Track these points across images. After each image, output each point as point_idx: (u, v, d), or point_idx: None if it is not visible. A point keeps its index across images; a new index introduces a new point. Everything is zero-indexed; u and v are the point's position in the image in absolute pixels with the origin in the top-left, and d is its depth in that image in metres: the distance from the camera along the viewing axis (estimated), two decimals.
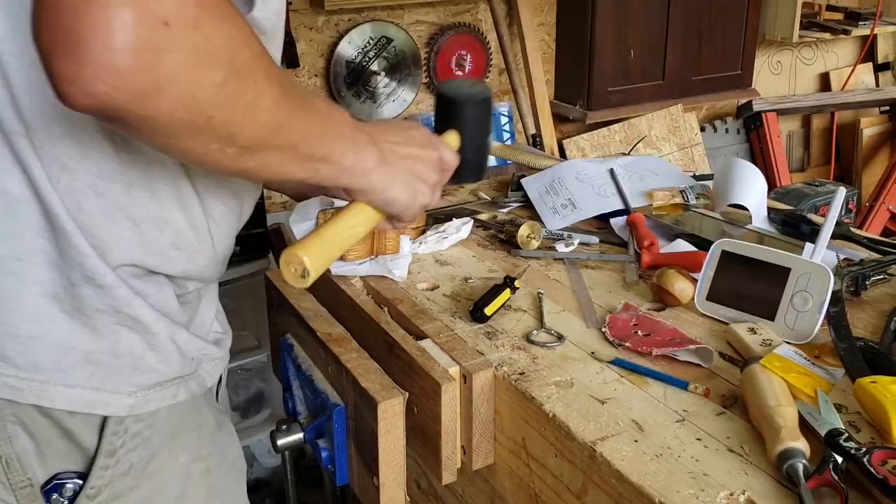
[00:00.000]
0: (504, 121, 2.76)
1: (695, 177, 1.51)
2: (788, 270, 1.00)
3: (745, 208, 1.30)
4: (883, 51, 3.96)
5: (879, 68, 3.97)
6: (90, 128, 0.71)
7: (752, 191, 1.31)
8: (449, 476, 0.96)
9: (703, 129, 3.39)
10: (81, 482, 0.78)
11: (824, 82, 3.84)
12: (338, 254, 0.86)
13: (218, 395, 0.94)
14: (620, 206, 1.37)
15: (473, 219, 1.34)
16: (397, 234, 1.15)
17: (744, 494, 0.73)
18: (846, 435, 0.75)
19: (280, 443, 1.06)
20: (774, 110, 3.56)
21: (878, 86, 3.94)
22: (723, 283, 1.05)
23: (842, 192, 1.18)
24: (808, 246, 1.12)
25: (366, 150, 0.82)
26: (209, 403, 0.90)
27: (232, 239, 0.88)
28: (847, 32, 3.58)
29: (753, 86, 3.30)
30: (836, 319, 0.98)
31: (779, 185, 3.44)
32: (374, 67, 2.53)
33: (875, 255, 1.18)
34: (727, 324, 1.02)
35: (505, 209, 1.44)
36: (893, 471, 0.72)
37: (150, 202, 0.76)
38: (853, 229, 1.27)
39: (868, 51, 3.85)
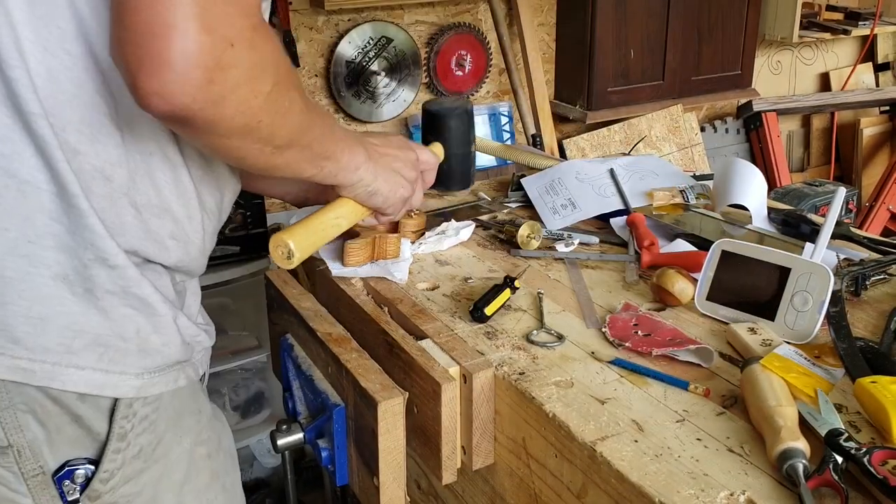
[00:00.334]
0: (504, 121, 2.76)
1: (695, 177, 1.51)
2: (788, 270, 1.00)
3: (745, 208, 1.30)
4: (883, 51, 3.96)
5: (879, 68, 3.97)
6: (99, 115, 0.74)
7: (752, 191, 1.31)
8: (449, 476, 0.96)
9: (703, 129, 3.39)
10: (93, 468, 0.79)
11: (824, 82, 3.84)
12: (322, 241, 0.99)
13: (203, 388, 0.96)
14: (620, 206, 1.37)
15: (474, 220, 1.34)
16: (398, 239, 1.15)
17: (744, 494, 0.73)
18: (846, 435, 0.75)
19: (280, 443, 1.07)
20: (774, 110, 3.56)
21: (878, 86, 3.94)
22: (723, 283, 1.05)
23: (842, 192, 1.18)
24: (808, 246, 1.12)
25: (356, 149, 0.95)
26: (202, 391, 0.93)
27: (216, 233, 0.92)
28: (847, 32, 3.58)
29: (753, 86, 3.30)
30: (836, 319, 0.98)
31: (779, 185, 3.44)
32: (374, 67, 2.53)
33: (875, 255, 1.18)
34: (727, 324, 1.02)
35: (505, 209, 1.44)
36: (893, 471, 0.72)
37: (151, 190, 0.79)
38: (853, 229, 1.27)
39: (868, 51, 3.85)
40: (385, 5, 2.47)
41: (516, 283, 1.09)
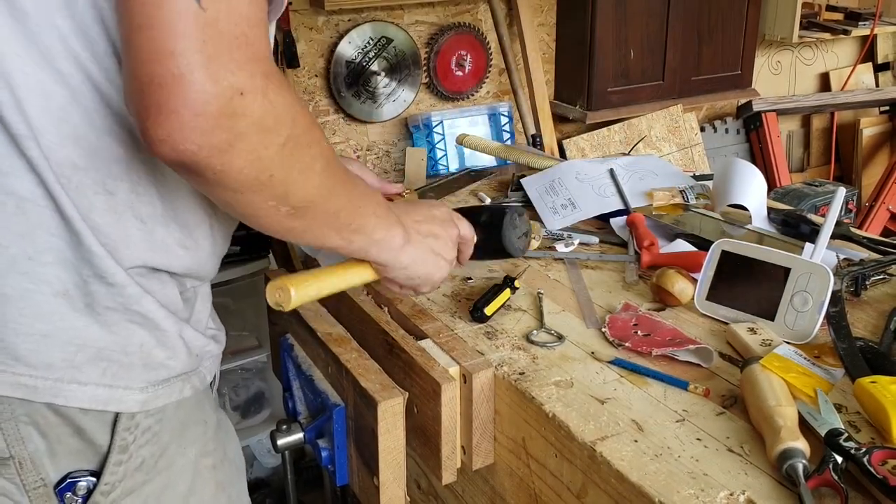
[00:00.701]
0: (504, 121, 2.76)
1: (695, 177, 1.51)
2: (788, 270, 1.00)
3: (745, 208, 1.30)
4: (883, 51, 3.96)
5: (879, 68, 3.97)
6: (96, 129, 0.73)
7: (751, 191, 1.31)
8: (449, 476, 0.96)
9: (702, 130, 3.39)
10: (95, 480, 0.79)
11: (824, 82, 3.84)
12: (324, 295, 0.90)
13: (213, 391, 0.95)
14: (620, 206, 1.37)
15: None
16: None
17: (744, 494, 0.73)
18: (846, 435, 0.75)
19: (280, 443, 1.07)
20: (774, 110, 3.56)
21: (877, 86, 3.94)
22: (723, 283, 1.05)
23: (842, 192, 1.18)
24: (808, 246, 1.12)
25: (394, 229, 0.89)
26: (209, 400, 0.91)
27: (230, 237, 0.91)
28: (847, 32, 3.57)
29: (753, 86, 3.30)
30: (836, 319, 0.98)
31: (779, 185, 3.44)
32: (374, 67, 2.53)
33: (875, 255, 1.18)
34: (727, 324, 1.02)
35: None
36: (893, 471, 0.72)
37: (156, 201, 0.78)
38: (853, 229, 1.27)
39: (868, 51, 3.84)
40: (385, 5, 2.47)
41: (516, 283, 1.09)
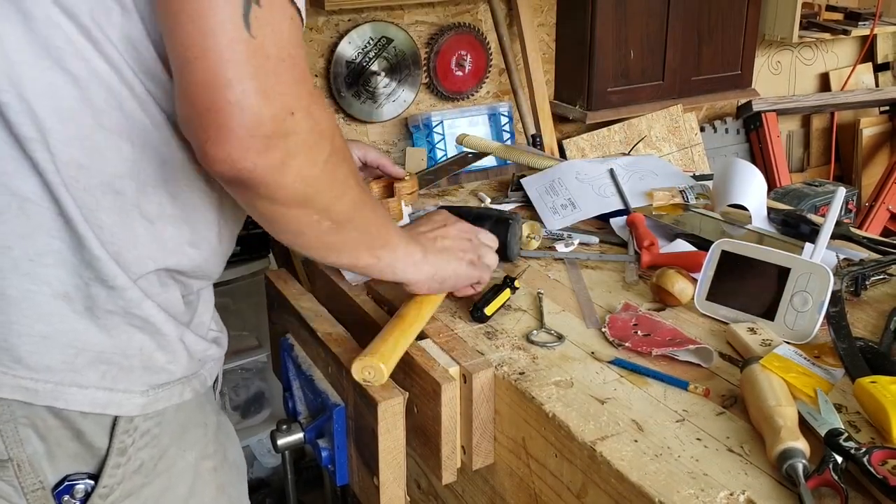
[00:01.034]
0: (504, 121, 2.76)
1: (695, 177, 1.51)
2: (788, 270, 1.00)
3: (745, 208, 1.30)
4: (883, 51, 3.96)
5: (879, 68, 3.97)
6: (103, 129, 0.73)
7: (751, 191, 1.31)
8: (449, 476, 0.96)
9: (702, 130, 3.39)
10: (93, 483, 0.79)
11: (824, 82, 3.84)
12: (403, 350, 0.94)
13: (215, 395, 0.95)
14: (620, 206, 1.37)
15: None
16: (398, 202, 1.17)
17: (744, 494, 0.73)
18: (846, 435, 0.75)
19: (280, 443, 1.06)
20: (774, 110, 3.56)
21: (877, 86, 3.93)
22: (723, 283, 1.05)
23: (841, 192, 1.18)
24: (808, 246, 1.12)
25: (412, 244, 0.95)
26: (210, 402, 0.91)
27: (235, 238, 0.91)
28: (847, 32, 3.57)
29: (753, 86, 3.30)
30: (836, 319, 0.98)
31: (779, 185, 3.44)
32: (374, 67, 2.53)
33: (875, 255, 1.18)
34: (727, 324, 1.02)
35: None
36: (893, 471, 0.72)
37: (165, 200, 0.78)
38: (853, 229, 1.27)
39: (868, 51, 3.84)
40: (385, 5, 2.47)
41: (516, 283, 1.09)
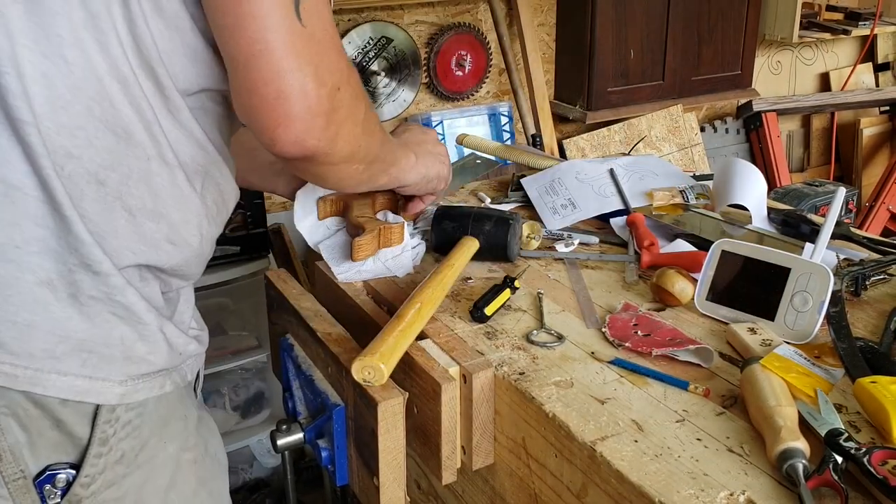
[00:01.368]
0: (504, 121, 2.76)
1: (695, 177, 1.51)
2: (788, 270, 1.00)
3: (745, 208, 1.30)
4: (883, 51, 3.96)
5: (879, 68, 3.97)
6: (95, 120, 0.74)
7: (751, 191, 1.31)
8: (449, 476, 0.96)
9: (702, 130, 3.39)
10: (74, 472, 0.79)
11: (824, 82, 3.84)
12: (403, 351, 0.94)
13: (196, 392, 0.96)
14: (620, 206, 1.37)
15: None
16: (401, 227, 1.17)
17: (744, 494, 0.73)
18: (846, 435, 0.75)
19: (280, 443, 1.06)
20: (774, 110, 3.56)
21: (877, 86, 3.94)
22: (723, 283, 1.05)
23: (842, 192, 1.18)
24: (808, 246, 1.12)
25: (409, 153, 1.11)
26: (190, 397, 0.92)
27: (215, 241, 0.92)
28: (847, 32, 3.58)
29: (753, 86, 3.30)
30: (836, 319, 0.98)
31: (779, 185, 3.44)
32: (374, 67, 2.53)
33: (875, 255, 1.18)
34: (727, 324, 1.02)
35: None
36: (893, 471, 0.72)
37: (146, 195, 0.79)
38: (853, 229, 1.27)
39: (868, 51, 3.85)
40: (385, 5, 2.47)
41: (516, 283, 1.09)
